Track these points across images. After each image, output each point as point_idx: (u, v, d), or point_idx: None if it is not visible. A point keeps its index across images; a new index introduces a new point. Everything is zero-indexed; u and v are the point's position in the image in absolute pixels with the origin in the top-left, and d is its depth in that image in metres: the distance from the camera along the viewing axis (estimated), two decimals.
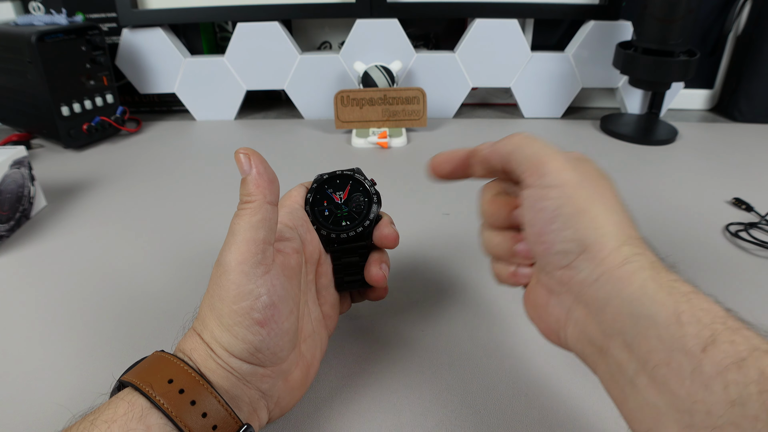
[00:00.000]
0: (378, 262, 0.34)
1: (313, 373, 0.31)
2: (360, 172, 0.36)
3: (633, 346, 0.22)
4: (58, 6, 0.82)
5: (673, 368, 0.20)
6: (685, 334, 0.20)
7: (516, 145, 0.28)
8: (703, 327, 0.20)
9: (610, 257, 0.24)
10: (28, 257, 0.49)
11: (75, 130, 0.72)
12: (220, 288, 0.26)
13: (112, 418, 0.23)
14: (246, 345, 0.26)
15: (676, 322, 0.21)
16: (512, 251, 0.30)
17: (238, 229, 0.27)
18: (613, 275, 0.23)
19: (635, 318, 0.22)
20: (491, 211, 0.31)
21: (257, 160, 0.28)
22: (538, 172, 0.26)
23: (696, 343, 0.20)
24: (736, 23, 0.81)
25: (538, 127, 0.80)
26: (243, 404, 0.27)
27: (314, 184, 0.35)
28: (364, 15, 0.79)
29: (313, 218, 0.34)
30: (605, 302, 0.23)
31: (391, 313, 0.41)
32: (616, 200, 0.26)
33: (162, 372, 0.25)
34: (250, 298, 0.26)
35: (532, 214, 0.26)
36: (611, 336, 0.23)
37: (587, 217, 0.25)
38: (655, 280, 0.23)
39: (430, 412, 0.32)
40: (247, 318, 0.26)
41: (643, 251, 0.24)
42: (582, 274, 0.25)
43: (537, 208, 0.26)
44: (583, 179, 0.26)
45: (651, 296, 0.22)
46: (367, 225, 0.34)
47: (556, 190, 0.25)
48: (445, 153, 0.33)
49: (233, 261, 0.26)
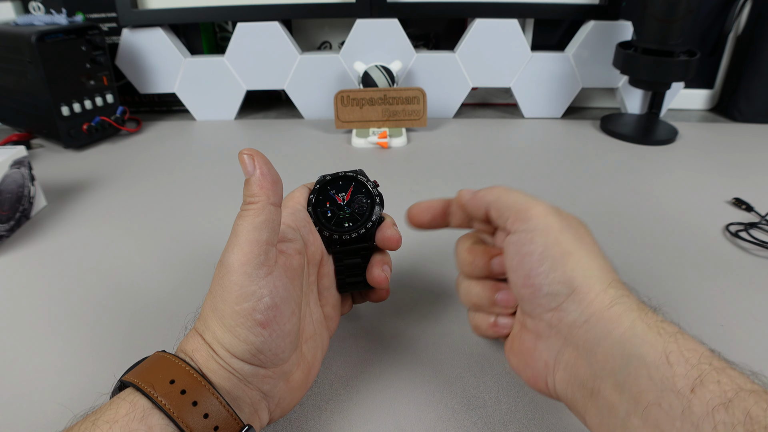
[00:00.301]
0: (380, 263, 0.34)
1: (314, 373, 0.31)
2: (363, 174, 0.36)
3: (624, 387, 0.22)
4: (58, 6, 0.82)
5: (664, 409, 0.20)
6: (674, 374, 0.21)
7: (497, 195, 0.29)
8: (692, 367, 0.21)
9: (598, 299, 0.25)
10: (28, 257, 0.49)
11: (75, 130, 0.72)
12: (223, 289, 0.26)
13: (114, 418, 0.23)
14: (248, 346, 0.26)
15: (665, 362, 0.21)
16: (492, 300, 0.30)
17: (241, 230, 0.27)
18: (603, 316, 0.24)
19: (626, 358, 0.22)
20: (469, 260, 0.31)
21: (261, 161, 0.28)
22: (523, 218, 0.27)
23: (685, 383, 0.20)
24: (736, 23, 0.81)
25: (538, 127, 0.80)
26: (244, 405, 0.27)
27: (317, 185, 0.35)
28: (364, 15, 0.79)
29: (315, 219, 0.34)
30: (596, 343, 0.24)
31: (391, 314, 0.41)
32: (596, 246, 0.28)
33: (164, 372, 0.25)
34: (253, 300, 0.26)
35: (518, 258, 0.27)
36: (602, 377, 0.23)
37: (573, 260, 0.26)
38: (643, 321, 0.23)
39: (431, 412, 0.32)
40: (249, 319, 0.26)
41: (628, 293, 0.25)
42: (571, 315, 0.25)
43: (523, 252, 0.27)
44: (566, 225, 0.27)
45: (641, 336, 0.23)
46: (369, 227, 0.34)
47: (541, 233, 0.26)
48: (424, 202, 0.34)
49: (236, 262, 0.26)
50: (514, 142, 0.75)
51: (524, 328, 0.28)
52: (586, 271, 0.25)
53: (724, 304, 0.41)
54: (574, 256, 0.26)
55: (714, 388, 0.20)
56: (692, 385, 0.20)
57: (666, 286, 0.43)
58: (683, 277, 0.44)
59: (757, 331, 0.38)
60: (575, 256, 0.26)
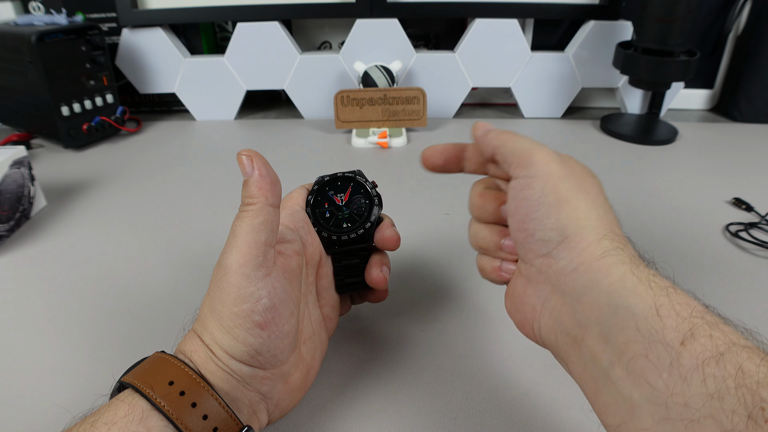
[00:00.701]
0: (379, 264, 0.34)
1: (313, 374, 0.31)
2: (361, 174, 0.36)
3: (609, 337, 0.22)
4: (58, 6, 0.82)
5: (651, 360, 0.20)
6: (664, 327, 0.20)
7: (504, 140, 0.29)
8: (682, 320, 0.20)
9: (589, 248, 0.24)
10: (28, 257, 0.49)
11: (75, 130, 0.72)
12: (221, 290, 0.26)
13: (113, 420, 0.23)
14: (246, 347, 0.26)
15: (655, 315, 0.21)
16: (498, 245, 0.30)
17: (240, 231, 0.27)
18: (591, 266, 0.24)
19: (613, 309, 0.22)
20: (480, 204, 0.31)
21: (259, 162, 0.28)
22: (524, 163, 0.27)
23: (675, 336, 0.20)
24: (736, 23, 0.81)
25: (538, 127, 0.80)
26: (243, 406, 0.27)
27: (315, 185, 0.35)
28: (364, 15, 0.79)
29: (314, 220, 0.34)
30: (582, 292, 0.24)
31: (391, 314, 0.41)
32: (601, 197, 0.27)
33: (163, 373, 0.25)
34: (251, 301, 0.26)
35: (516, 203, 0.27)
36: (586, 326, 0.23)
37: (569, 208, 0.25)
38: (634, 273, 0.23)
39: (431, 412, 0.32)
40: (248, 320, 0.26)
41: (623, 246, 0.24)
42: (561, 263, 0.25)
43: (521, 197, 0.27)
44: (568, 172, 0.27)
45: (630, 288, 0.22)
46: (368, 227, 0.34)
47: (540, 180, 0.26)
48: (439, 145, 0.34)
49: (234, 263, 0.26)
50: None
51: (519, 273, 0.28)
52: (581, 221, 0.25)
53: (724, 304, 0.41)
54: (571, 204, 0.25)
55: (705, 342, 0.19)
56: (682, 338, 0.20)
57: None
58: (683, 276, 0.44)
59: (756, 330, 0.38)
60: (572, 205, 0.25)
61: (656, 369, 0.20)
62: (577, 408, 0.32)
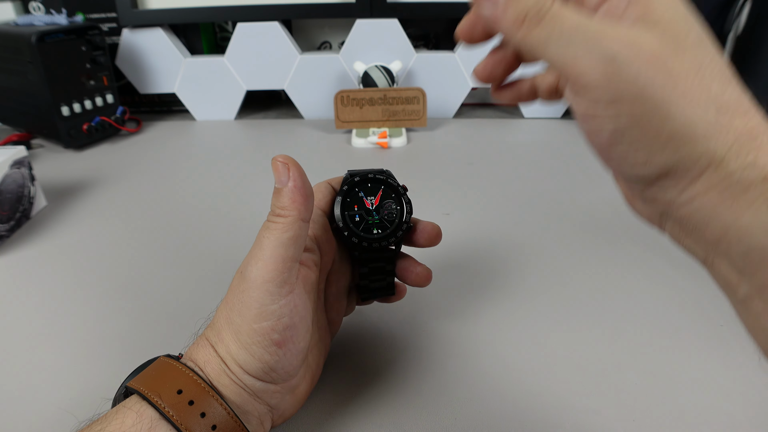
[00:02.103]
0: (414, 262, 0.34)
1: (316, 379, 0.31)
2: (392, 177, 0.34)
3: (745, 272, 0.19)
4: (58, 6, 0.82)
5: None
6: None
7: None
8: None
9: (707, 178, 0.18)
10: (28, 257, 0.49)
11: (75, 130, 0.72)
12: (242, 304, 0.25)
13: (120, 428, 0.23)
14: (261, 364, 0.25)
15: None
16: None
17: (267, 244, 0.25)
18: (711, 201, 0.18)
19: (747, 249, 0.18)
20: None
21: (296, 173, 0.26)
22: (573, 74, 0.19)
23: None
24: (736, 23, 0.81)
25: (538, 127, 0.80)
26: (252, 418, 0.26)
27: (345, 185, 0.33)
28: (364, 15, 0.79)
29: (344, 224, 0.32)
30: (704, 224, 0.19)
31: (391, 314, 0.41)
32: (714, 59, 0.19)
33: (171, 381, 0.24)
34: (272, 319, 0.25)
35: (584, 128, 0.21)
36: (716, 255, 0.20)
37: (667, 128, 0.18)
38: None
39: (431, 412, 0.32)
40: (267, 339, 0.25)
41: (757, 154, 0.18)
42: (669, 194, 0.19)
43: (587, 130, 0.20)
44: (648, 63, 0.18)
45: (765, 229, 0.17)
46: (399, 235, 0.33)
47: (612, 106, 0.18)
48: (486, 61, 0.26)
49: (259, 278, 0.25)
50: (514, 142, 0.75)
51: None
52: (686, 145, 0.18)
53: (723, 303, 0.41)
54: (670, 121, 0.18)
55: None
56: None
57: (666, 285, 0.43)
58: (683, 276, 0.44)
59: None
60: (672, 121, 0.18)
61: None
62: (582, 409, 0.32)
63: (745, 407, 0.31)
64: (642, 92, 0.18)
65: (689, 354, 0.36)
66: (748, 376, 0.34)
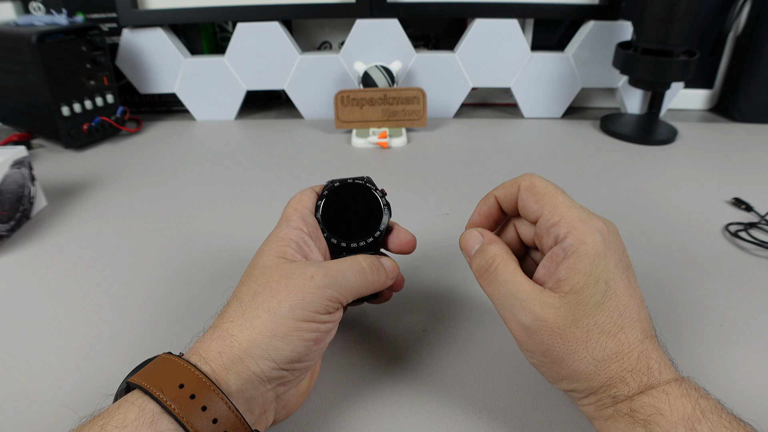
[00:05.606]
0: (400, 230, 0.36)
1: (316, 377, 0.32)
2: (371, 182, 0.36)
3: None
4: (58, 6, 0.82)
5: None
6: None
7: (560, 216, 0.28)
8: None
9: (589, 400, 0.27)
10: (28, 257, 0.49)
11: (75, 130, 0.72)
12: (297, 299, 0.28)
13: (123, 423, 0.23)
14: (292, 354, 0.27)
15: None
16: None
17: (362, 281, 0.31)
18: (595, 411, 0.27)
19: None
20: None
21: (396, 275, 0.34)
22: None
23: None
24: (736, 23, 0.81)
25: (538, 127, 0.80)
26: (256, 407, 0.27)
27: (325, 191, 0.35)
28: (364, 15, 0.79)
29: (323, 226, 0.34)
30: (596, 420, 0.27)
31: (390, 314, 0.41)
32: (608, 318, 0.26)
33: (172, 376, 0.25)
34: (322, 321, 0.28)
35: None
36: None
37: (563, 372, 0.27)
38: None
39: (431, 411, 0.32)
40: (310, 334, 0.27)
41: (617, 388, 0.26)
42: (588, 409, 0.27)
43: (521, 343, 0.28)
44: (574, 307, 0.27)
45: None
46: (377, 236, 0.34)
47: (529, 353, 0.28)
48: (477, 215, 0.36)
49: (344, 293, 0.29)
50: (514, 142, 0.75)
51: None
52: (591, 378, 0.26)
53: (723, 303, 0.41)
54: (575, 360, 0.26)
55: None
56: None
57: (666, 285, 0.43)
58: (683, 276, 0.45)
59: (756, 330, 0.38)
60: (576, 359, 0.26)
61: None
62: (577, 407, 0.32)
63: (745, 407, 0.31)
64: (546, 350, 0.26)
65: (689, 354, 0.36)
66: (748, 376, 0.34)
